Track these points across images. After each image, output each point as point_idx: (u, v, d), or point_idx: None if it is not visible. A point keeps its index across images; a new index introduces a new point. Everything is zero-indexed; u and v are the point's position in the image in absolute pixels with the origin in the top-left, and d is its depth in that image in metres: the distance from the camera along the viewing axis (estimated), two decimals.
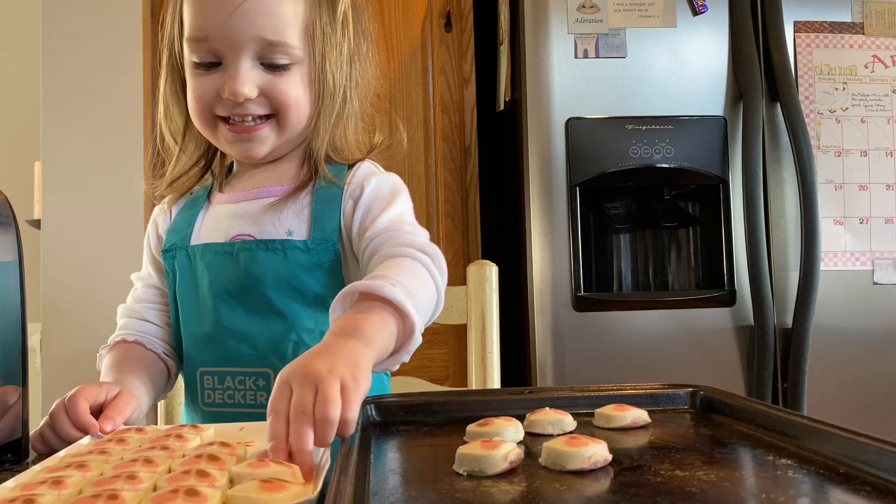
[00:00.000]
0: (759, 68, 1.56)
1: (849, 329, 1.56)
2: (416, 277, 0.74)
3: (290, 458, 0.51)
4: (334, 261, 0.86)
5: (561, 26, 1.56)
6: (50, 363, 1.71)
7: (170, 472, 0.50)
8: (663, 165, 1.55)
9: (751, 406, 0.63)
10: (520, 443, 0.58)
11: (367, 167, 0.92)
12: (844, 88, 1.59)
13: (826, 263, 1.55)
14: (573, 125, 1.54)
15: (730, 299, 1.54)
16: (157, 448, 0.56)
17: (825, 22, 1.60)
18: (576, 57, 1.56)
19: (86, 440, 0.64)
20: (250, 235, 0.87)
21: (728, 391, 0.70)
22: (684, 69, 1.58)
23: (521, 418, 0.62)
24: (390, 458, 0.57)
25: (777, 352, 1.53)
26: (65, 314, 1.72)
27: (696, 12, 1.58)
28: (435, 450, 0.59)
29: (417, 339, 0.70)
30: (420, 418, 0.67)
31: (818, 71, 1.59)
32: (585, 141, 1.54)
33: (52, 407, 0.69)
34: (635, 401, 0.67)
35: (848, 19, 1.61)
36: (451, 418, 0.66)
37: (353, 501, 0.41)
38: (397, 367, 0.71)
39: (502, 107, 1.73)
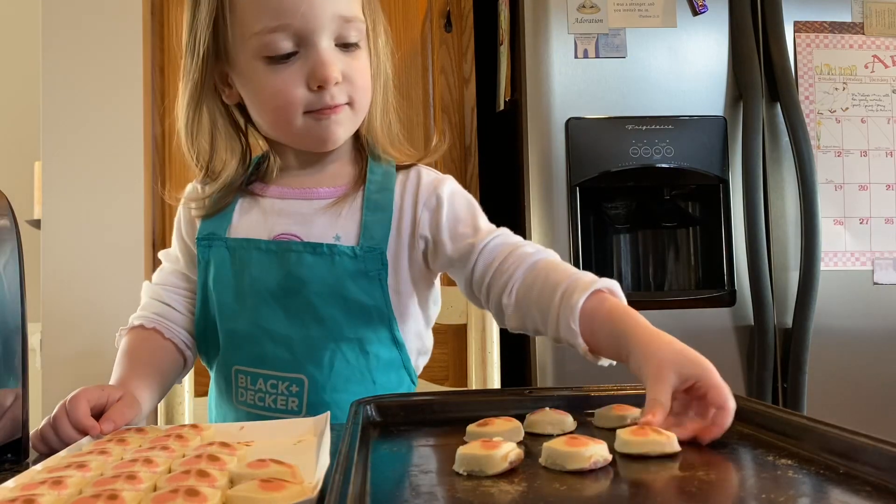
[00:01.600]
0: (759, 68, 1.56)
1: (849, 329, 1.56)
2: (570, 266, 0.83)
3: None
4: (381, 270, 0.84)
5: (561, 26, 1.56)
6: (50, 363, 1.71)
7: (170, 472, 0.51)
8: (663, 165, 1.55)
9: (751, 406, 0.63)
10: (520, 443, 0.58)
11: (429, 172, 0.91)
12: (844, 88, 1.59)
13: (826, 263, 1.55)
14: (573, 125, 1.54)
15: (730, 299, 1.54)
16: (157, 448, 0.56)
17: (825, 22, 1.60)
18: (576, 57, 1.56)
19: (85, 440, 0.64)
20: (296, 236, 0.85)
21: None
22: (684, 69, 1.58)
23: (521, 418, 0.62)
24: (390, 458, 0.57)
25: (777, 352, 1.53)
26: (65, 314, 1.72)
27: (696, 12, 1.58)
28: (435, 450, 0.59)
29: None
30: (420, 418, 0.67)
31: (818, 71, 1.59)
32: (585, 141, 1.54)
33: (55, 409, 0.68)
34: (635, 401, 0.67)
35: (848, 19, 1.61)
36: (451, 418, 0.66)
37: (353, 501, 0.41)
38: None
39: (502, 107, 1.73)
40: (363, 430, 0.58)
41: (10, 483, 0.49)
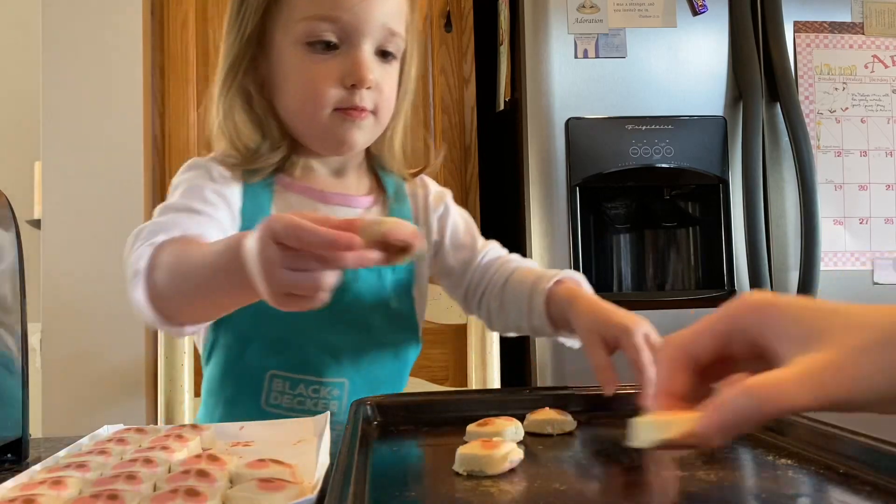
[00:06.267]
0: (759, 68, 1.56)
1: None
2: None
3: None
4: (409, 278, 0.89)
5: (561, 26, 1.56)
6: (50, 363, 1.71)
7: (169, 472, 0.50)
8: (663, 165, 1.55)
9: None
10: (520, 443, 0.58)
11: (433, 182, 0.97)
12: (844, 88, 1.59)
13: (826, 263, 1.55)
14: (573, 125, 1.54)
15: (730, 299, 1.54)
16: (156, 448, 0.56)
17: (825, 22, 1.60)
18: (576, 57, 1.56)
19: (85, 440, 0.64)
20: None
21: None
22: (684, 69, 1.58)
23: (521, 418, 0.62)
24: (390, 458, 0.57)
25: None
26: (65, 314, 1.72)
27: (695, 12, 1.58)
28: (435, 450, 0.59)
29: None
30: (420, 418, 0.67)
31: (818, 71, 1.59)
32: (585, 141, 1.54)
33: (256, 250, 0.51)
34: (635, 401, 0.67)
35: (848, 19, 1.61)
36: (451, 418, 0.66)
37: (353, 501, 0.41)
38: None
39: (502, 107, 1.73)
40: (363, 430, 0.58)
41: (10, 483, 0.49)
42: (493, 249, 0.95)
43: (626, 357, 0.68)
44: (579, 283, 0.84)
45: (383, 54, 0.83)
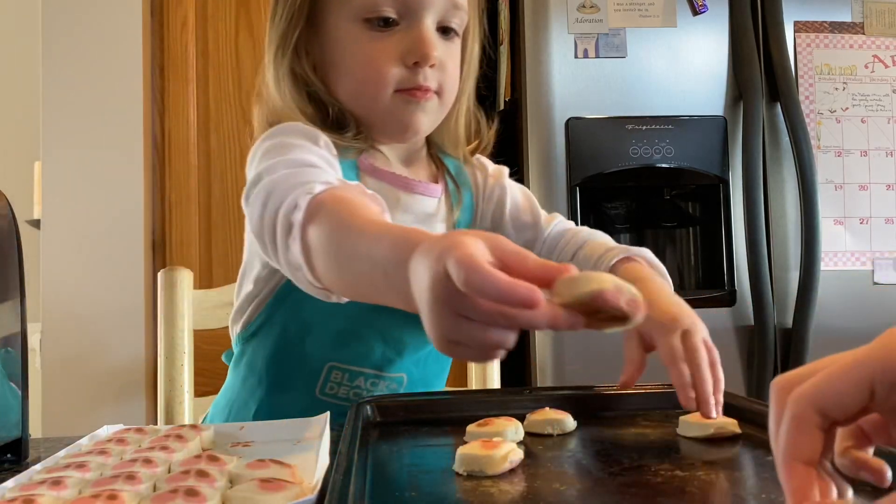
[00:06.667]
0: (760, 68, 1.56)
1: (849, 329, 1.56)
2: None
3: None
4: None
5: (561, 26, 1.56)
6: (50, 363, 1.71)
7: (169, 472, 0.50)
8: (663, 165, 1.55)
9: (751, 406, 0.63)
10: (520, 443, 0.58)
11: (489, 162, 0.92)
12: (844, 88, 1.59)
13: (826, 263, 1.55)
14: (573, 125, 1.54)
15: (730, 299, 1.54)
16: (156, 448, 0.56)
17: (825, 22, 1.60)
18: (576, 57, 1.56)
19: (85, 440, 0.64)
20: None
21: (728, 391, 0.70)
22: (684, 69, 1.58)
23: (521, 418, 0.62)
24: (390, 458, 0.57)
25: (777, 352, 1.53)
26: (65, 314, 1.72)
27: (696, 12, 1.58)
28: (435, 450, 0.59)
29: None
30: (420, 418, 0.67)
31: (818, 71, 1.59)
32: (585, 141, 1.54)
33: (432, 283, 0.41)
34: (636, 401, 0.67)
35: (848, 19, 1.61)
36: (451, 418, 0.66)
37: (353, 501, 0.41)
38: None
39: (502, 107, 1.73)
40: (363, 430, 0.58)
41: (10, 483, 0.49)
42: (560, 223, 0.90)
43: (661, 353, 0.63)
44: (647, 261, 0.78)
45: (444, 31, 0.78)
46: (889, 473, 0.39)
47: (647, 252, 0.79)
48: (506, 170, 0.92)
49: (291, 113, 0.78)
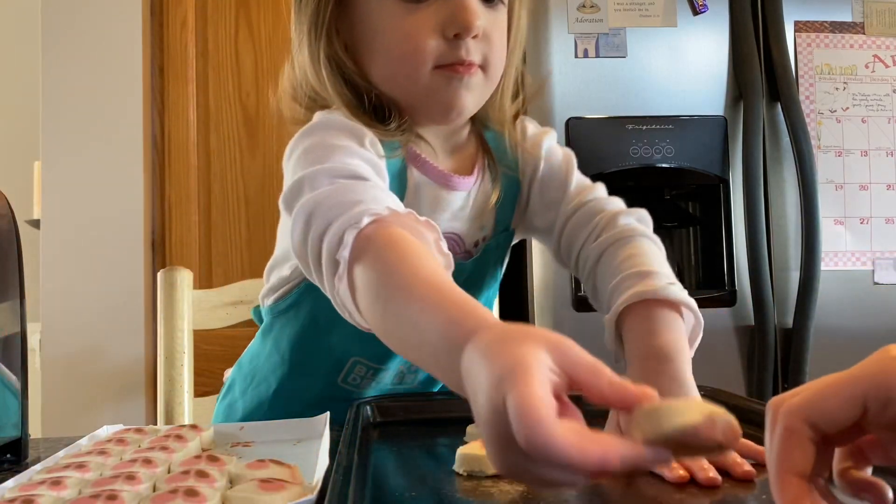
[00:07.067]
0: (760, 68, 1.56)
1: (849, 329, 1.56)
2: (663, 259, 0.74)
3: None
4: (506, 250, 0.80)
5: (561, 26, 1.55)
6: (49, 363, 1.71)
7: (169, 472, 0.50)
8: (663, 165, 1.55)
9: (751, 406, 0.63)
10: None
11: (531, 126, 0.83)
12: (845, 88, 1.59)
13: (826, 263, 1.55)
14: (573, 125, 1.54)
15: (730, 299, 1.54)
16: (156, 448, 0.56)
17: (826, 22, 1.60)
18: (576, 57, 1.55)
19: (85, 440, 0.64)
20: (456, 234, 0.77)
21: (729, 391, 0.70)
22: (684, 69, 1.58)
23: None
24: (390, 458, 0.57)
25: (778, 352, 1.53)
26: (64, 314, 1.72)
27: (696, 12, 1.58)
28: (435, 449, 0.59)
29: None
30: (420, 418, 0.67)
31: (818, 71, 1.59)
32: (585, 141, 1.54)
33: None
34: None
35: (848, 19, 1.61)
36: (451, 418, 0.66)
37: (353, 502, 0.40)
38: None
39: None
40: (363, 431, 0.58)
41: (10, 483, 0.49)
42: (593, 202, 0.80)
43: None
44: (691, 309, 0.67)
45: None
46: (891, 495, 0.39)
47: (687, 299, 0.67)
48: (548, 134, 0.84)
49: (329, 98, 0.73)
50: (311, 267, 0.57)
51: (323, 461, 0.49)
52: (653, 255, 0.74)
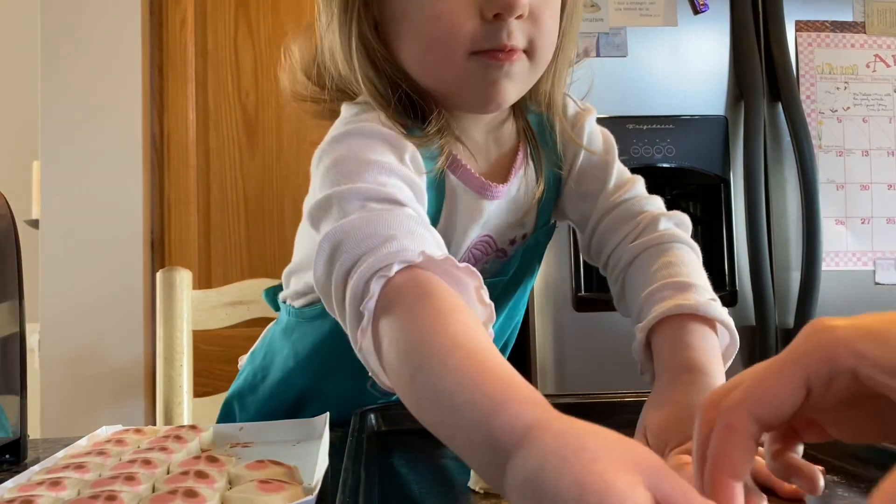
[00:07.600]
0: (761, 68, 1.56)
1: None
2: (701, 270, 0.68)
3: None
4: (546, 243, 0.76)
5: None
6: (48, 363, 1.71)
7: (168, 473, 0.50)
8: (664, 165, 1.54)
9: None
10: None
11: (571, 104, 0.77)
12: (846, 88, 1.59)
13: (827, 263, 1.55)
14: None
15: (731, 299, 1.54)
16: (155, 449, 0.56)
17: (826, 21, 1.60)
18: (576, 56, 1.55)
19: (84, 441, 0.64)
20: (489, 237, 0.72)
21: None
22: (685, 68, 1.57)
23: None
24: (399, 475, 0.55)
25: (778, 352, 1.53)
26: (63, 314, 1.72)
27: (697, 11, 1.57)
28: (446, 464, 0.58)
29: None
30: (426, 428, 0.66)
31: (819, 70, 1.59)
32: None
33: None
34: (639, 408, 0.67)
35: (850, 18, 1.61)
36: None
37: None
38: None
39: None
40: (368, 442, 0.56)
41: (9, 484, 0.49)
42: (630, 200, 0.74)
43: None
44: (726, 325, 0.63)
45: None
46: (821, 481, 0.38)
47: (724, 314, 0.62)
48: (588, 116, 0.78)
49: (355, 86, 0.66)
50: (334, 308, 0.52)
51: (323, 462, 0.49)
52: (692, 265, 0.69)
